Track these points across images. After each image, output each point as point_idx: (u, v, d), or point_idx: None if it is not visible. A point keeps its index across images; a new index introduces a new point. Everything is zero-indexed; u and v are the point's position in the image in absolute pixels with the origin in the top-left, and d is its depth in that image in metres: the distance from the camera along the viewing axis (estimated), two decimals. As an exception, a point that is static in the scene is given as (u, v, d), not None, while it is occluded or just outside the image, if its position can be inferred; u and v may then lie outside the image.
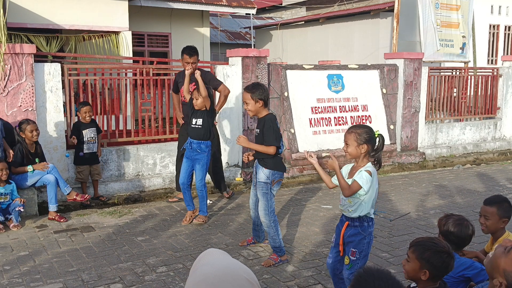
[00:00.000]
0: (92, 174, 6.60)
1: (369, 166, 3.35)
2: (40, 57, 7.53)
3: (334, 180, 3.50)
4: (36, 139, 5.96)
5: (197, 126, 5.51)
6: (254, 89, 4.45)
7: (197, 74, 5.50)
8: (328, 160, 3.45)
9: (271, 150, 4.42)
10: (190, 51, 6.18)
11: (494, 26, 16.38)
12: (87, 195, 6.23)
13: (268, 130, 4.43)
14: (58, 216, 5.83)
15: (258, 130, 4.54)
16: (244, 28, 23.01)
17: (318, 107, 8.37)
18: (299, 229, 5.58)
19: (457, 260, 2.81)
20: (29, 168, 5.83)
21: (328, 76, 8.48)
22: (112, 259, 4.67)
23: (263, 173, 4.48)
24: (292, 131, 8.02)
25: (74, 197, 6.02)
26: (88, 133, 6.50)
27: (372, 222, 3.43)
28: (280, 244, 4.56)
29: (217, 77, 7.63)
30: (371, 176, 3.30)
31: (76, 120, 6.62)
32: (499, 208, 3.28)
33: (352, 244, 3.39)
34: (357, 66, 8.87)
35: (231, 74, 7.69)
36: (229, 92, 6.45)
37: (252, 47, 18.14)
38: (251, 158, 4.66)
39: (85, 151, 6.49)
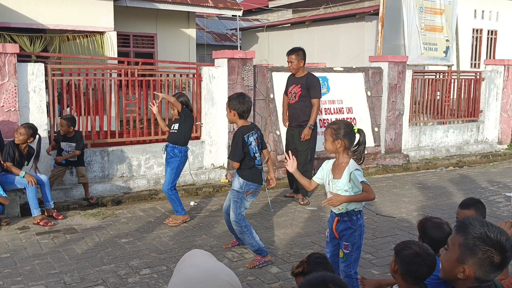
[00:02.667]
0: (77, 177, 6.55)
1: (353, 163, 3.41)
2: (23, 57, 7.45)
3: (317, 179, 3.57)
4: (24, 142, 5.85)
5: (173, 130, 5.67)
6: (230, 99, 4.53)
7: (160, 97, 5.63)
8: (332, 199, 3.36)
9: (235, 166, 4.55)
10: (290, 50, 6.63)
11: (477, 30, 16.61)
12: (52, 222, 5.75)
13: (232, 144, 4.55)
14: (56, 213, 5.90)
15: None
16: (231, 29, 23.01)
17: (304, 109, 8.39)
18: (283, 230, 5.59)
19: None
20: (22, 173, 5.69)
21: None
22: (95, 261, 4.64)
23: (237, 182, 4.54)
24: (278, 133, 8.03)
25: (51, 213, 5.91)
26: (65, 146, 6.47)
27: (360, 214, 3.49)
28: (259, 246, 4.57)
29: (203, 78, 7.64)
30: (361, 171, 3.38)
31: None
32: (477, 210, 3.32)
33: (344, 238, 3.47)
34: (342, 69, 8.92)
35: (217, 76, 7.68)
36: (318, 106, 6.68)
37: (238, 49, 18.14)
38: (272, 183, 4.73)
39: (62, 153, 6.45)
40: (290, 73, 6.93)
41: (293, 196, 6.92)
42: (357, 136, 3.48)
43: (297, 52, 6.64)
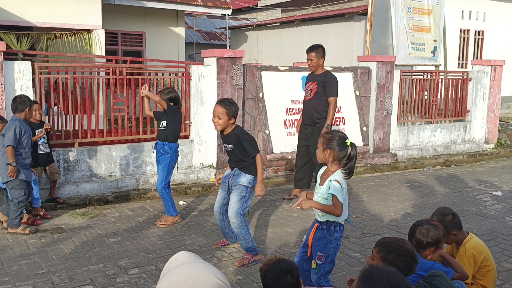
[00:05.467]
0: (50, 174, 6.32)
1: (337, 174, 3.36)
2: (10, 55, 7.36)
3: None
4: None
5: (161, 128, 5.61)
6: (231, 106, 4.42)
7: (145, 90, 5.48)
8: (301, 203, 3.34)
9: (260, 156, 4.49)
10: (310, 48, 6.59)
11: (464, 31, 16.76)
12: (41, 220, 5.76)
13: (247, 143, 4.44)
14: (44, 212, 5.86)
15: (232, 145, 4.51)
16: (220, 28, 22.97)
17: (293, 109, 8.41)
18: (272, 229, 5.60)
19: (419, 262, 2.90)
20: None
21: (302, 78, 8.53)
22: (83, 261, 4.60)
23: (245, 178, 4.50)
24: (267, 132, 8.04)
25: (38, 212, 5.87)
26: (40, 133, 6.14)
27: (340, 227, 3.42)
28: (252, 244, 4.58)
29: (192, 77, 7.61)
30: (340, 184, 3.31)
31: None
32: (442, 223, 3.33)
33: (318, 248, 3.41)
34: (331, 68, 8.94)
35: (206, 75, 7.67)
36: (335, 104, 6.61)
37: (228, 48, 18.12)
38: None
39: (39, 152, 6.13)
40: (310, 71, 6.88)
41: (292, 198, 6.91)
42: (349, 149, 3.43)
43: (317, 50, 6.57)
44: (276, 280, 2.45)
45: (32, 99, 6.32)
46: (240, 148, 4.48)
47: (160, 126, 5.65)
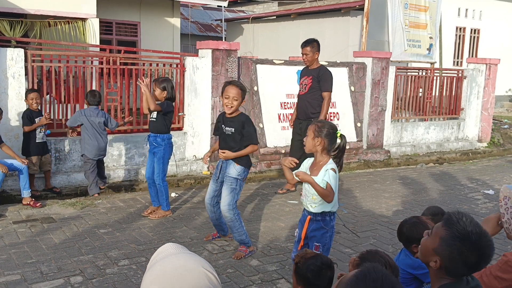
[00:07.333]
0: (43, 164, 6.31)
1: (332, 163, 3.40)
2: (3, 42, 7.28)
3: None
4: None
5: (152, 119, 5.56)
6: (243, 86, 4.44)
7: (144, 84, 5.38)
8: (299, 172, 3.39)
9: (256, 148, 4.49)
10: (305, 42, 6.55)
11: (460, 29, 16.78)
12: (39, 203, 5.85)
13: (252, 130, 4.43)
14: (33, 201, 5.78)
15: (233, 129, 4.44)
16: (215, 20, 22.87)
17: (287, 103, 8.38)
18: (264, 223, 5.59)
19: (408, 259, 2.89)
20: None
21: (298, 72, 8.49)
22: (72, 251, 4.57)
23: (235, 169, 4.45)
24: (261, 125, 8.01)
25: (28, 202, 5.83)
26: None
27: (333, 216, 3.50)
28: (246, 236, 4.59)
29: (187, 69, 7.56)
30: (335, 173, 3.34)
31: (26, 108, 6.21)
32: (432, 222, 3.32)
33: (315, 239, 3.45)
34: (326, 63, 8.92)
35: (201, 66, 7.62)
36: (329, 99, 6.58)
37: (223, 40, 18.03)
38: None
39: (37, 141, 6.16)
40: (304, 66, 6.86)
41: (285, 192, 6.89)
42: (338, 141, 3.45)
43: (312, 44, 6.56)
44: (318, 274, 2.43)
45: (29, 88, 6.34)
46: (239, 133, 4.42)
47: (151, 117, 5.58)
